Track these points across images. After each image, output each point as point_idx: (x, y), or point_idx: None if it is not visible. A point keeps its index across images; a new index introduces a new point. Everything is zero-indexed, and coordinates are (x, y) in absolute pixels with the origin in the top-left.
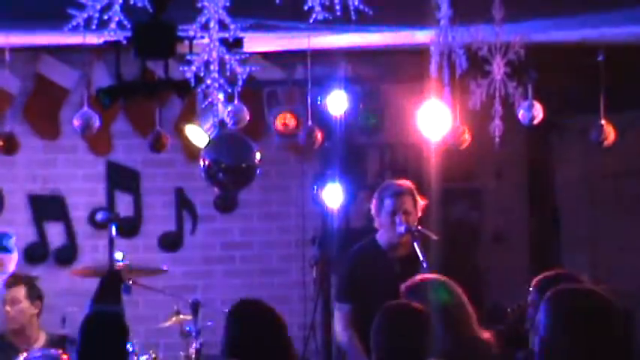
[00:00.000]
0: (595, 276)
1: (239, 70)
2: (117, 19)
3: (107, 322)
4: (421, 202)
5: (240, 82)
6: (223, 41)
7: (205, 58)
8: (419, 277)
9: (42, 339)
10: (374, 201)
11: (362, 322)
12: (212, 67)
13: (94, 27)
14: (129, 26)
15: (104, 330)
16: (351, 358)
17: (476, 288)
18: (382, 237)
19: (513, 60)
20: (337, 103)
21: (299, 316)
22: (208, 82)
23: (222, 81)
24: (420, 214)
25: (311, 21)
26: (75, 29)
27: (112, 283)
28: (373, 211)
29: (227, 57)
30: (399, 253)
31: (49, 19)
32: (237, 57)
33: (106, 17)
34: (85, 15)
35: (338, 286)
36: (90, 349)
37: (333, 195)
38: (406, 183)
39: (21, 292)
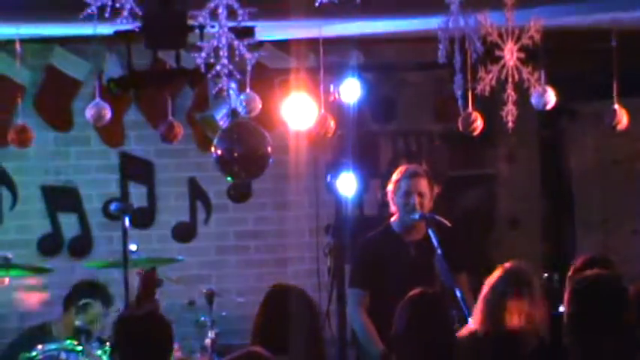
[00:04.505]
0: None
1: (248, 55)
2: (128, 7)
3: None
4: (435, 188)
5: (249, 68)
6: (234, 29)
7: (215, 44)
8: None
9: None
10: (390, 185)
11: (377, 306)
12: (221, 53)
13: (106, 15)
14: (140, 15)
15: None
16: (364, 343)
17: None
18: (396, 222)
19: (527, 45)
20: (350, 91)
21: None
22: (218, 68)
23: (231, 67)
24: (432, 202)
25: (317, 4)
26: (87, 19)
27: (149, 283)
28: (389, 195)
29: (236, 43)
30: (414, 237)
31: (59, 9)
32: (246, 43)
33: (118, 5)
34: (99, 3)
35: (351, 271)
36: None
37: (346, 183)
38: (422, 167)
39: None
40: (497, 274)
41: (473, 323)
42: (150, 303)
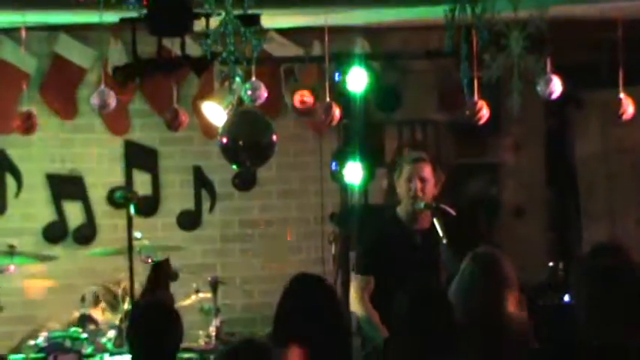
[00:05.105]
0: None
1: (254, 42)
2: None
3: (160, 312)
4: (441, 176)
5: (255, 55)
6: (240, 17)
7: (221, 31)
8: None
9: None
10: (396, 171)
11: (382, 294)
12: (228, 40)
13: (112, 1)
14: (145, 2)
15: (158, 319)
16: (367, 330)
17: None
18: (401, 209)
19: (532, 34)
20: (356, 79)
21: None
22: (224, 55)
23: (237, 54)
24: (438, 189)
25: None
26: (93, 6)
27: (160, 273)
28: (395, 182)
29: (242, 30)
30: (420, 225)
31: None
32: (252, 30)
33: None
34: None
35: (356, 258)
36: (144, 337)
37: (351, 172)
38: (427, 154)
39: None
40: (467, 259)
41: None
42: (163, 293)
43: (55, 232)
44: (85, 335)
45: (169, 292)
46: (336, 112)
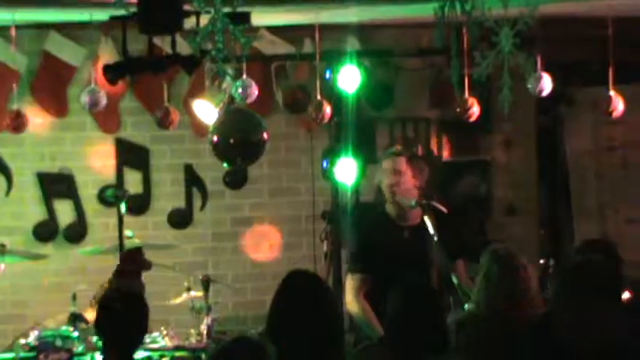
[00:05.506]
0: None
1: (243, 40)
2: None
3: (127, 300)
4: (424, 168)
5: (244, 52)
6: (229, 15)
7: (210, 29)
8: None
9: None
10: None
11: (374, 290)
12: (217, 38)
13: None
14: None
15: (124, 307)
16: (365, 329)
17: None
18: (390, 206)
19: (522, 31)
20: (348, 77)
21: None
22: (213, 53)
23: (226, 52)
24: (420, 181)
25: None
26: (83, 4)
27: (130, 262)
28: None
29: (231, 28)
30: (410, 222)
31: None
32: (241, 27)
33: None
34: None
35: (349, 256)
36: (111, 324)
37: (343, 169)
38: (407, 148)
39: None
40: (488, 257)
41: (473, 306)
42: (133, 282)
43: (45, 231)
44: (76, 334)
45: (139, 281)
46: (327, 109)
